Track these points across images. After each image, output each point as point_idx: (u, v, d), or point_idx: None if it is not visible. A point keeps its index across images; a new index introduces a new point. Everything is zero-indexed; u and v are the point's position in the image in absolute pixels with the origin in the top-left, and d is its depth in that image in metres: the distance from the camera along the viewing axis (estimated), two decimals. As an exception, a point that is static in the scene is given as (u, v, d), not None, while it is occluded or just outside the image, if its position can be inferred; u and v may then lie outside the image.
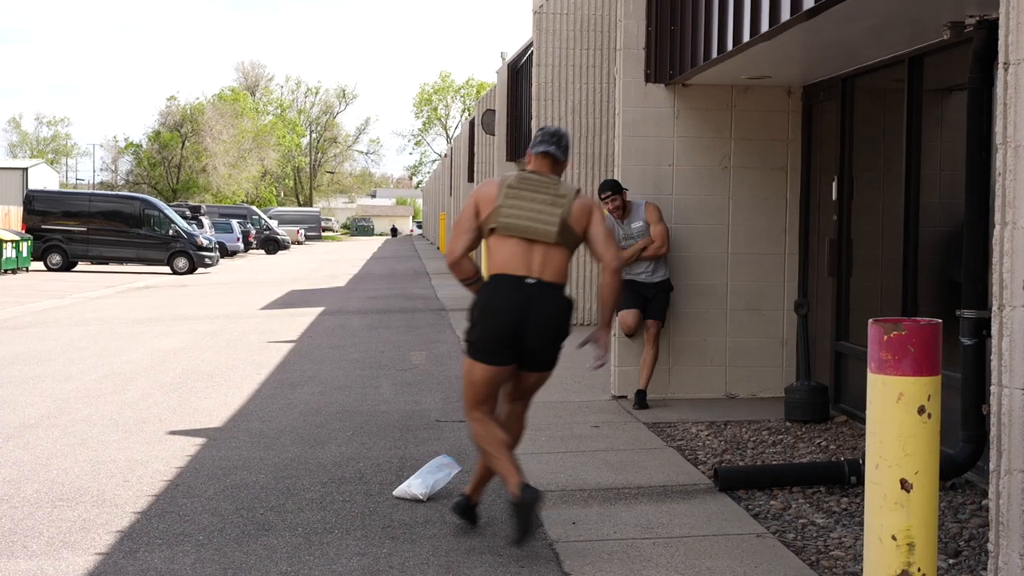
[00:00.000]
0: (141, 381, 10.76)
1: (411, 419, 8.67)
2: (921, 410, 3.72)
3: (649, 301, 9.07)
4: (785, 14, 6.64)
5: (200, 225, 38.29)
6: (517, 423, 5.48)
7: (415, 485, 6.12)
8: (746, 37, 7.38)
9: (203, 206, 46.65)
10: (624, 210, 8.94)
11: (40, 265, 32.66)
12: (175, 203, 49.30)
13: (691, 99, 9.47)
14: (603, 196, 8.90)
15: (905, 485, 3.72)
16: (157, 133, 77.87)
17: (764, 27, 7.02)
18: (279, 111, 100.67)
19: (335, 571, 4.91)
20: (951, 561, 5.08)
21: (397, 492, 6.17)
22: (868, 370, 3.84)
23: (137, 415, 8.88)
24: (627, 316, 9.09)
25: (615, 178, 9.20)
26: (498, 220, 5.16)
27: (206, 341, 14.33)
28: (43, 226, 32.46)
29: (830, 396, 8.62)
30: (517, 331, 5.11)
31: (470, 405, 5.28)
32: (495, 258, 5.18)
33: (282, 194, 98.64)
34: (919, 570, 3.72)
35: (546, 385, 5.45)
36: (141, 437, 7.97)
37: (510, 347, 5.15)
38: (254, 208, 58.93)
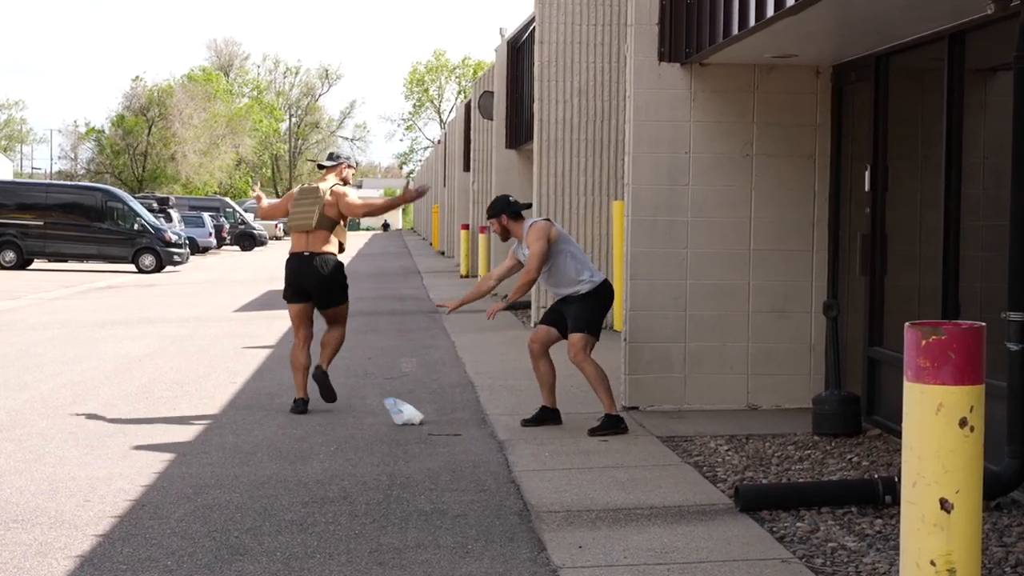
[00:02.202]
0: (103, 390, 10.77)
1: (401, 432, 8.68)
2: (963, 422, 3.72)
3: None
4: (813, -14, 6.64)
5: (168, 219, 38.30)
6: (332, 335, 9.59)
7: (410, 412, 8.91)
8: (770, 12, 7.39)
9: (172, 198, 46.65)
10: (509, 236, 8.78)
11: (-8, 263, 32.67)
12: (141, 195, 49.27)
13: (710, 80, 9.48)
14: (488, 218, 8.94)
15: (945, 505, 3.72)
16: (121, 117, 77.87)
17: (790, 0, 7.02)
18: (255, 93, 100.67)
19: (317, 600, 4.91)
20: (996, 589, 5.09)
21: (398, 422, 8.83)
22: (904, 378, 3.84)
23: (99, 428, 8.89)
24: (534, 331, 8.85)
25: (627, 174, 9.15)
26: (289, 224, 9.44)
27: (175, 346, 14.34)
28: (-5, 220, 32.45)
29: (862, 407, 8.62)
30: (301, 284, 9.33)
31: (294, 331, 9.55)
32: (292, 240, 9.50)
33: (259, 184, 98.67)
34: (960, 599, 3.73)
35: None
36: (103, 452, 7.98)
37: (297, 293, 9.39)
38: (228, 200, 58.92)
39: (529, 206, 9.19)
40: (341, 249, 9.36)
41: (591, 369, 8.54)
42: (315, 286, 9.29)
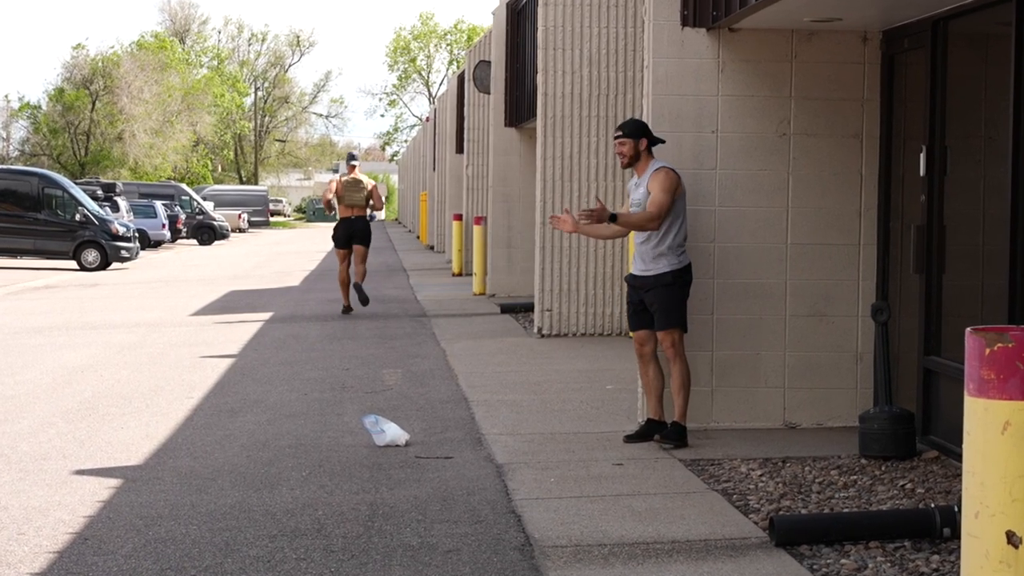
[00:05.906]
0: (40, 406, 10.77)
1: (383, 454, 8.68)
2: (1033, 443, 3.72)
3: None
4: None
5: (115, 208, 38.34)
6: (359, 270, 18.84)
7: (394, 432, 8.88)
8: (810, -32, 7.39)
9: (119, 184, 46.70)
10: (633, 164, 8.94)
11: (-89, 259, 32.68)
12: (83, 180, 49.34)
13: (740, 48, 9.48)
14: (615, 136, 9.05)
15: (1012, 539, 3.72)
16: (60, 91, 77.90)
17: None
18: (215, 63, 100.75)
19: (287, 648, 4.92)
20: (1071, 636, 5.09)
21: (380, 443, 8.86)
22: (965, 392, 3.84)
23: (35, 450, 8.89)
24: (638, 336, 9.03)
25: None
26: (343, 200, 18.79)
27: (123, 356, 14.35)
28: (-85, 209, 32.45)
29: (917, 426, 8.63)
30: (351, 234, 18.90)
31: (339, 263, 19.09)
32: (341, 211, 19.05)
33: (219, 169, 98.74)
34: (1030, 647, 3.73)
35: (555, 411, 5.55)
36: (40, 478, 7.98)
37: (346, 242, 18.91)
38: (184, 186, 59.00)
39: (663, 141, 9.16)
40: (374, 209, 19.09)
41: (681, 368, 8.84)
42: (359, 233, 18.65)
